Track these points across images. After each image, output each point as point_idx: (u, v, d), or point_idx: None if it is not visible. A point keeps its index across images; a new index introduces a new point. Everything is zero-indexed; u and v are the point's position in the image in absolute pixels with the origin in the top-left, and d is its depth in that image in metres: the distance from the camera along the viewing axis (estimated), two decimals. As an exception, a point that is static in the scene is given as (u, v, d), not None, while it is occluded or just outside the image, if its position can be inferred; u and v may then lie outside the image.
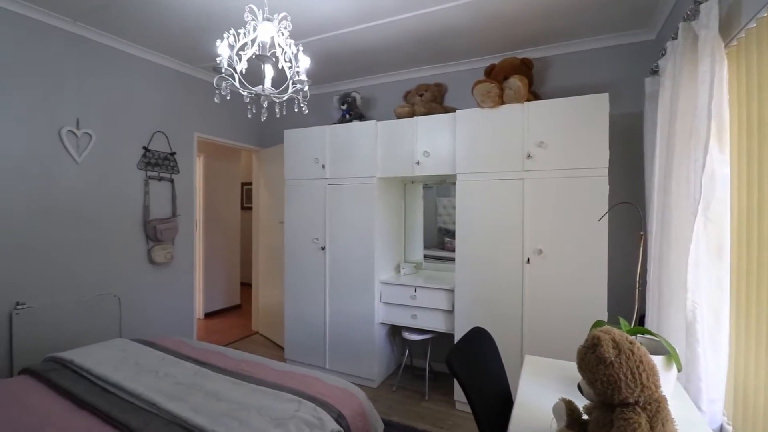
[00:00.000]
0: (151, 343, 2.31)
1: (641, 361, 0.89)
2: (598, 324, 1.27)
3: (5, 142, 2.38)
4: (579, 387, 1.24)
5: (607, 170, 2.30)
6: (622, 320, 1.33)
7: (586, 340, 0.97)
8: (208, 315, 4.96)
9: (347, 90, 3.60)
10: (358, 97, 3.43)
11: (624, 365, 0.88)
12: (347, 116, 3.40)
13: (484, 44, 2.93)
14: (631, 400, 0.88)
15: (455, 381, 2.70)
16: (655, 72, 2.14)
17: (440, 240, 3.43)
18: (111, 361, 1.96)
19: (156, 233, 3.12)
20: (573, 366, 1.52)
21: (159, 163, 3.22)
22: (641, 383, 0.87)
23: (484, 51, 3.04)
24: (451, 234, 3.33)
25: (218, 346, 2.36)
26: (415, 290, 2.89)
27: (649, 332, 1.28)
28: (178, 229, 3.33)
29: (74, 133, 2.69)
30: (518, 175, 2.51)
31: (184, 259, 3.45)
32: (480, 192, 2.64)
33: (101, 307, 2.85)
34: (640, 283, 1.45)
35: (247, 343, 4.01)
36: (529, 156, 2.47)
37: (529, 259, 2.46)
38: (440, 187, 3.41)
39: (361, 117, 3.42)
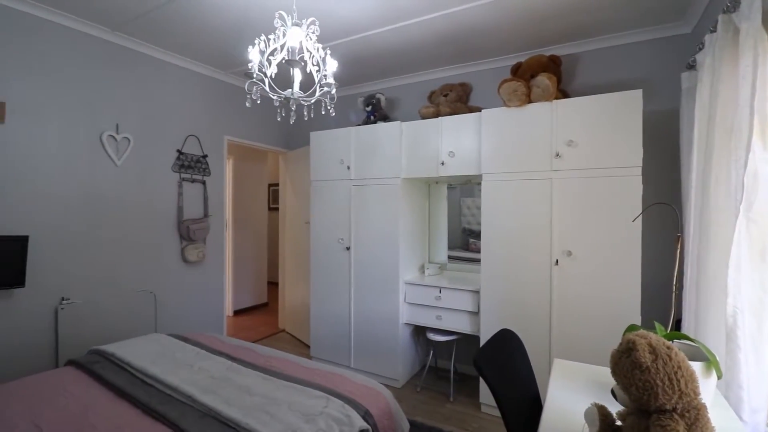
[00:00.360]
0: (185, 338, 2.40)
1: (679, 367, 0.86)
2: (631, 328, 1.24)
3: (52, 147, 2.54)
4: (612, 392, 1.22)
5: (640, 169, 2.22)
6: (657, 325, 1.29)
7: (621, 344, 0.95)
8: (237, 312, 5.11)
9: (372, 91, 3.63)
10: (382, 98, 3.46)
11: (661, 371, 0.86)
12: (372, 117, 3.43)
13: (510, 42, 2.89)
14: (668, 407, 0.86)
15: (481, 383, 2.69)
16: (692, 67, 2.06)
17: (464, 241, 3.41)
18: (149, 354, 2.06)
19: (189, 233, 3.25)
20: (604, 371, 1.50)
21: (192, 165, 3.35)
22: (679, 390, 0.85)
23: (510, 49, 3.00)
24: (476, 235, 3.30)
25: (248, 343, 2.44)
26: (440, 291, 2.88)
27: (687, 337, 1.24)
28: (210, 229, 3.45)
29: (114, 137, 2.84)
30: (546, 174, 2.46)
31: (214, 258, 3.57)
32: (506, 192, 2.60)
33: (138, 303, 2.99)
34: (677, 287, 1.40)
35: (274, 341, 4.11)
36: (557, 155, 2.42)
37: (557, 261, 2.41)
38: (464, 188, 3.39)
39: (385, 118, 3.44)
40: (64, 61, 2.58)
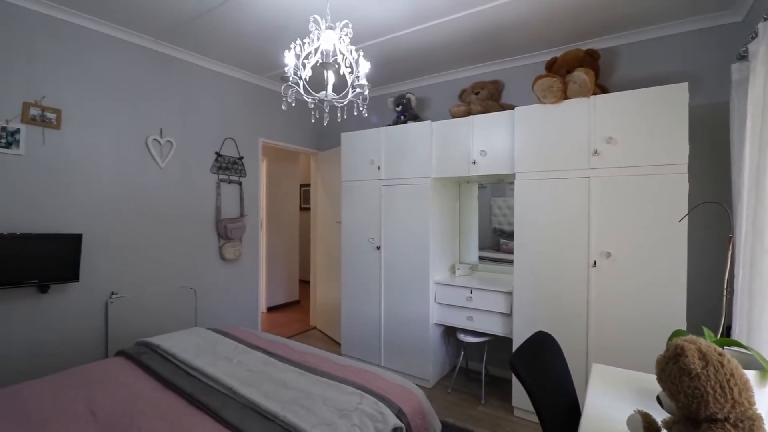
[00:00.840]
0: (224, 332, 2.51)
1: (732, 375, 0.82)
2: (677, 333, 1.19)
3: (103, 151, 2.72)
4: (658, 399, 1.17)
5: (686, 167, 2.11)
6: (706, 330, 1.23)
7: (668, 350, 0.92)
8: (270, 309, 5.26)
9: (402, 91, 3.64)
10: (413, 98, 3.46)
11: (712, 378, 0.82)
12: (402, 117, 3.44)
13: (544, 37, 2.82)
14: (720, 416, 0.82)
15: (513, 386, 2.65)
16: (743, 57, 1.93)
17: (495, 241, 3.35)
18: (192, 347, 2.16)
19: (226, 231, 3.38)
20: (647, 377, 1.44)
21: (229, 167, 3.49)
22: (732, 398, 0.81)
23: (544, 44, 2.93)
24: (507, 235, 3.24)
25: (282, 338, 2.51)
26: (471, 292, 2.85)
27: (739, 344, 1.17)
28: (245, 228, 3.58)
29: (158, 141, 3.00)
30: (583, 173, 2.39)
31: (250, 256, 3.70)
32: (540, 191, 2.54)
33: (180, 298, 3.15)
34: (728, 291, 1.33)
35: (305, 338, 4.20)
36: (596, 153, 2.34)
37: (595, 262, 2.33)
38: (495, 187, 3.34)
39: (415, 118, 3.44)
40: (112, 69, 2.75)
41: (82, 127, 2.61)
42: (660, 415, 1.00)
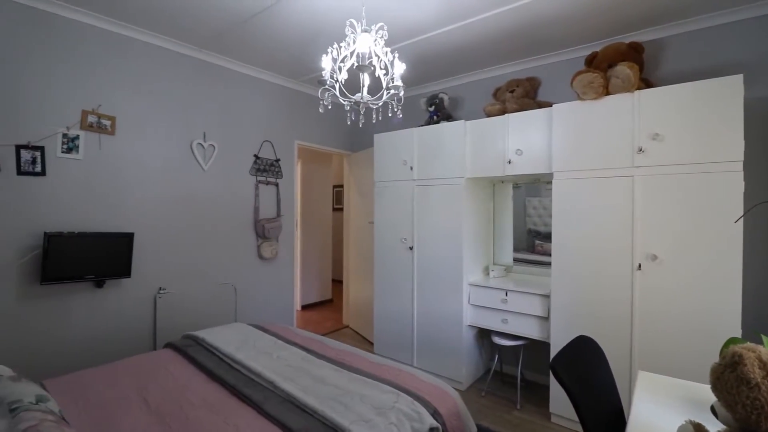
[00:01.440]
0: (263, 328, 2.60)
1: (798, 386, 0.77)
2: (732, 341, 1.12)
3: (152, 155, 2.89)
4: (712, 409, 1.12)
5: (741, 164, 1.98)
6: (765, 338, 1.15)
7: (724, 358, 0.87)
8: (304, 307, 5.39)
9: (434, 91, 3.63)
10: (446, 97, 3.44)
11: (775, 388, 0.77)
12: (435, 117, 3.43)
13: (583, 31, 2.72)
14: (784, 430, 0.77)
15: (551, 392, 2.57)
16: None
17: (530, 242, 3.27)
18: (234, 341, 2.26)
19: (264, 231, 3.50)
20: (697, 386, 1.37)
21: (266, 168, 3.61)
22: (798, 411, 0.76)
23: (583, 39, 2.83)
24: (542, 236, 3.16)
25: (318, 335, 2.57)
26: (506, 294, 2.80)
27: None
28: (282, 228, 3.69)
29: (202, 145, 3.16)
30: (627, 172, 2.29)
31: (286, 255, 3.81)
32: (580, 191, 2.46)
33: (221, 295, 3.30)
34: (792, 297, 1.24)
35: (338, 336, 4.27)
36: (640, 150, 2.23)
37: (640, 265, 2.23)
38: (530, 187, 3.25)
39: (448, 117, 3.42)
40: (160, 78, 2.93)
41: (134, 132, 2.79)
42: (714, 426, 0.95)
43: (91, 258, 2.53)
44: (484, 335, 3.24)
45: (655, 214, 2.20)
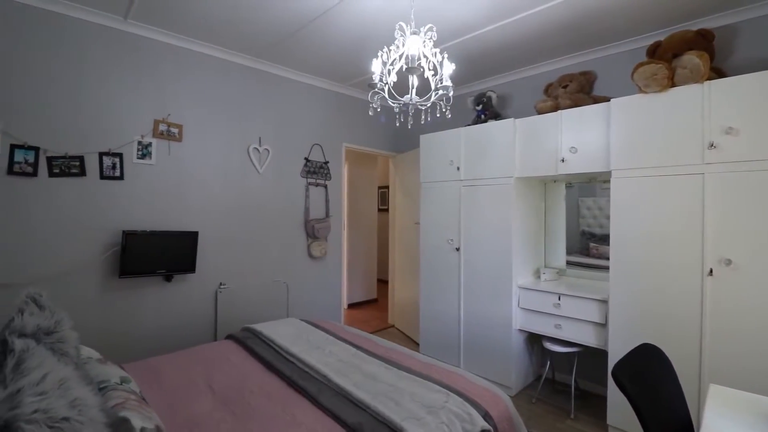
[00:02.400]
0: (315, 323, 2.70)
1: None
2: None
3: (214, 159, 3.10)
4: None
5: (835, 159, 1.77)
6: None
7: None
8: (350, 306, 5.50)
9: (482, 90, 3.57)
10: (494, 96, 3.38)
11: None
12: (482, 116, 3.38)
13: (644, 20, 2.55)
14: None
15: (608, 402, 2.44)
16: None
17: (584, 245, 3.12)
18: (288, 335, 2.37)
19: (314, 231, 3.64)
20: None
21: (316, 171, 3.75)
22: None
23: (643, 29, 2.66)
24: (597, 238, 3.00)
25: (366, 333, 2.62)
26: (559, 298, 2.70)
27: None
28: (330, 228, 3.81)
29: (258, 149, 3.35)
30: (696, 169, 2.12)
31: (334, 254, 3.93)
32: (641, 190, 2.32)
33: (274, 291, 3.47)
34: None
35: (384, 335, 4.32)
36: (711, 146, 2.06)
37: (711, 270, 2.06)
38: (583, 187, 3.10)
39: (496, 116, 3.35)
40: (219, 87, 3.14)
41: (198, 139, 3.01)
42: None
43: (161, 254, 2.76)
44: (534, 340, 3.14)
45: (729, 214, 2.02)
